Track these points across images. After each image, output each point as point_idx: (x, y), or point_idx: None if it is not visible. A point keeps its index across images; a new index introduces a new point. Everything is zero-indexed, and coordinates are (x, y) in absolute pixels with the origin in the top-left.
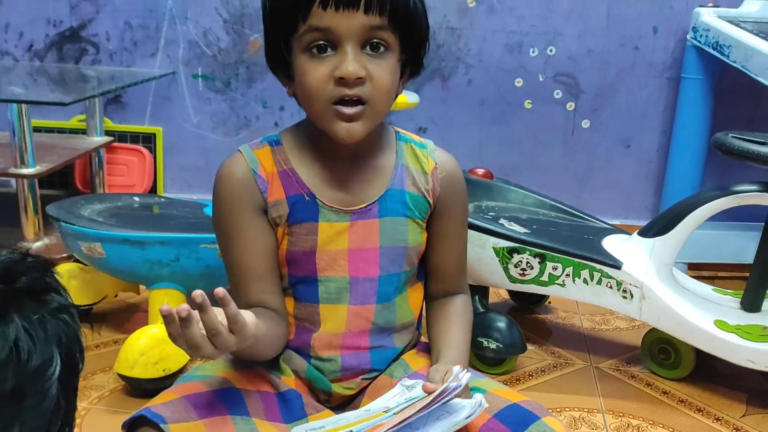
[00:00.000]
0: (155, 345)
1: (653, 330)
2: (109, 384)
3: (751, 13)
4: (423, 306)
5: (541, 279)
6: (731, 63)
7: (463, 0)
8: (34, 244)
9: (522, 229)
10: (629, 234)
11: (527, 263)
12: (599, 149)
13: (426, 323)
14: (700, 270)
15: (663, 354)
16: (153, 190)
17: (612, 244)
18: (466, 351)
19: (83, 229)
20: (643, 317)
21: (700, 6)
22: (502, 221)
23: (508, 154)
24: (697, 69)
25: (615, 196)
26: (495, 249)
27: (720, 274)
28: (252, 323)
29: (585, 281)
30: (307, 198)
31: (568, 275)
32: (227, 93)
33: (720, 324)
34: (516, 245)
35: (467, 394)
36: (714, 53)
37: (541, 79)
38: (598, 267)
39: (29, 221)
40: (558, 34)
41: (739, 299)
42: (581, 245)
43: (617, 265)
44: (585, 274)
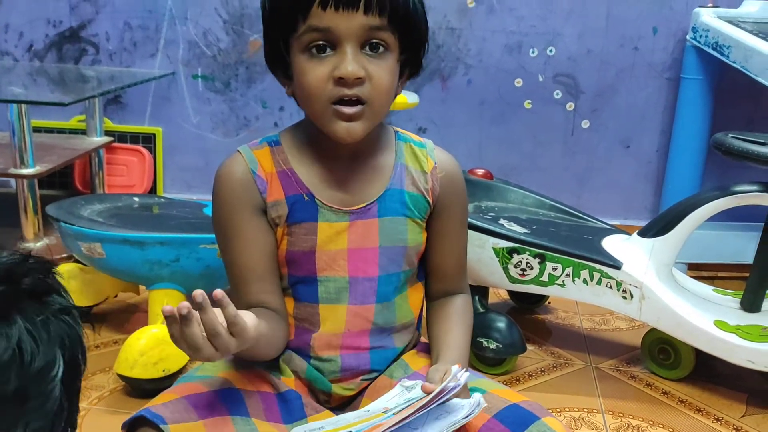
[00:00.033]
0: (155, 345)
1: (653, 330)
2: (109, 384)
3: (751, 14)
4: (423, 306)
5: (541, 279)
6: (731, 63)
7: (463, 0)
8: (34, 244)
9: (522, 230)
10: (629, 234)
11: (527, 263)
12: (599, 149)
13: (426, 323)
14: (699, 270)
15: (663, 354)
16: (153, 190)
17: (612, 244)
18: (465, 351)
19: (83, 230)
20: (643, 317)
21: (699, 6)
22: (501, 221)
23: (507, 154)
24: (697, 69)
25: (615, 196)
26: (495, 249)
27: (720, 274)
28: (253, 325)
29: (585, 281)
30: (306, 198)
31: (567, 275)
32: (227, 93)
33: (720, 324)
34: (516, 245)
35: (466, 393)
36: (714, 53)
37: (541, 80)
38: (597, 267)
39: (29, 221)
40: (558, 34)
41: (739, 299)
42: (581, 245)
43: (617, 266)
44: (585, 274)
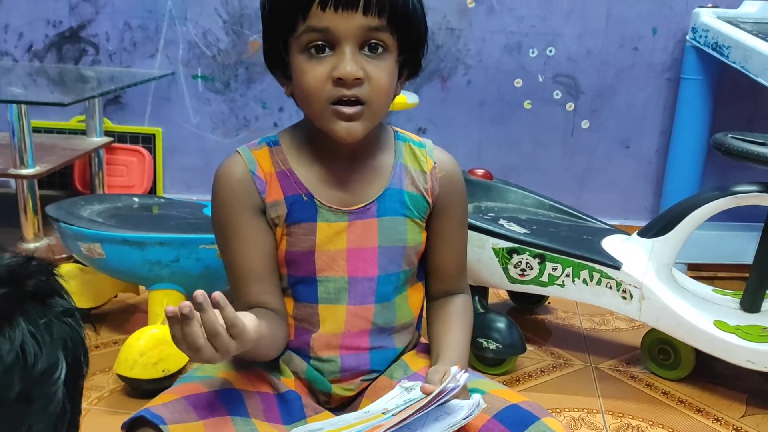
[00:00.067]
0: (155, 346)
1: (653, 330)
2: (109, 385)
3: (751, 14)
4: (423, 306)
5: (541, 279)
6: (730, 63)
7: (463, 1)
8: (34, 244)
9: (521, 230)
10: (629, 234)
11: (527, 264)
12: (599, 150)
13: (426, 323)
14: (699, 270)
15: (662, 354)
16: (152, 190)
17: (611, 244)
18: (465, 351)
19: (83, 230)
20: (643, 318)
21: (699, 7)
22: (501, 222)
23: (507, 154)
24: (697, 69)
25: (614, 196)
26: (494, 249)
27: (719, 274)
28: (253, 327)
29: (584, 282)
30: (305, 198)
31: (567, 276)
32: (227, 94)
33: (719, 324)
34: (515, 246)
35: (465, 394)
36: (713, 54)
37: (541, 80)
38: (597, 267)
39: (29, 222)
40: (557, 34)
41: (739, 300)
42: (581, 246)
43: (617, 266)
44: (584, 274)
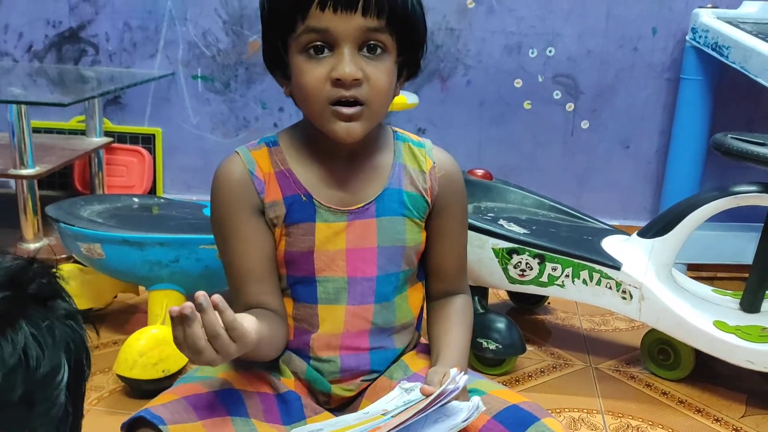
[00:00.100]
0: (155, 346)
1: (652, 331)
2: (109, 385)
3: (750, 14)
4: (423, 306)
5: (541, 280)
6: (730, 64)
7: (463, 1)
8: (34, 245)
9: (521, 230)
10: (628, 235)
11: (527, 264)
12: (598, 150)
13: (426, 323)
14: (699, 271)
15: (662, 355)
16: (152, 191)
17: (611, 244)
18: (465, 351)
19: (82, 230)
20: (643, 318)
21: (699, 7)
22: (501, 222)
23: (507, 154)
24: (696, 70)
25: (614, 196)
26: (494, 250)
27: (719, 274)
28: (254, 329)
29: (584, 282)
30: (304, 198)
31: (567, 276)
32: (226, 94)
33: (719, 325)
34: (515, 246)
35: (465, 396)
36: (713, 54)
37: (541, 80)
38: (597, 268)
39: (28, 222)
40: (557, 35)
41: (739, 300)
42: (581, 246)
43: (617, 266)
44: (584, 274)
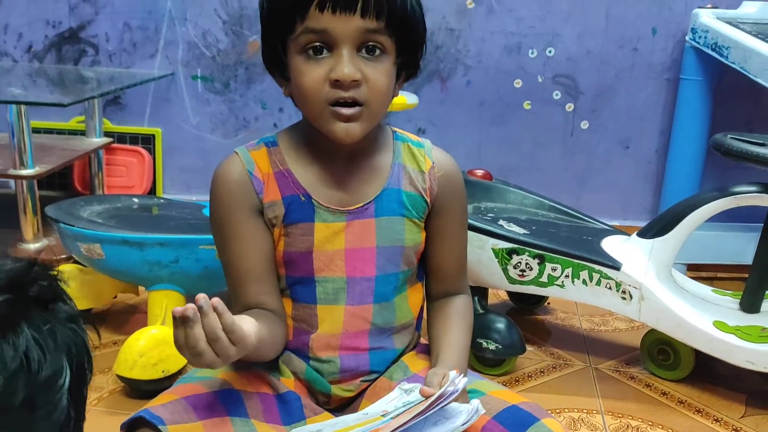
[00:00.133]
0: (154, 346)
1: (652, 331)
2: (108, 385)
3: (750, 14)
4: (423, 307)
5: (541, 280)
6: (730, 64)
7: (462, 1)
8: (34, 245)
9: (521, 230)
10: (628, 235)
11: (526, 264)
12: (598, 150)
13: (426, 324)
14: (699, 271)
15: (662, 355)
16: (152, 191)
17: (611, 245)
18: (465, 352)
19: (82, 231)
20: (642, 318)
21: (698, 7)
22: (501, 222)
23: (507, 155)
24: (696, 70)
25: (614, 197)
26: (494, 250)
27: (719, 275)
28: (253, 331)
29: (584, 282)
30: (303, 198)
31: (567, 276)
32: (226, 94)
33: (719, 325)
34: (515, 246)
35: (465, 398)
36: (713, 54)
37: (540, 80)
38: (597, 268)
39: (28, 222)
40: (557, 35)
41: (738, 300)
42: (580, 246)
43: (616, 266)
44: (584, 275)
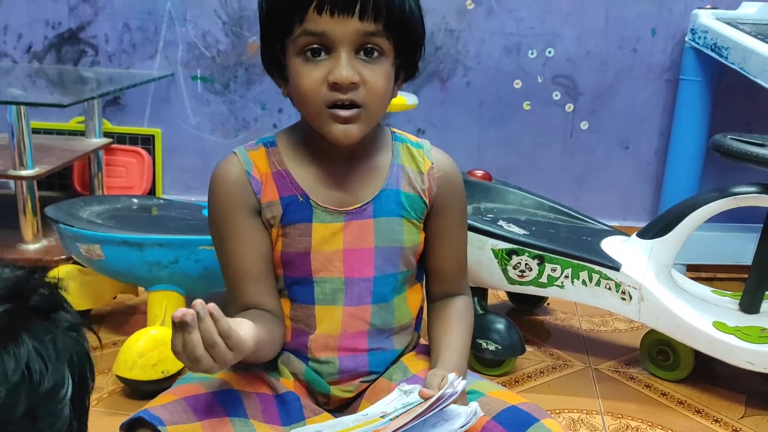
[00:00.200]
0: (154, 347)
1: (652, 331)
2: (108, 386)
3: (750, 15)
4: (422, 307)
5: (540, 280)
6: (729, 65)
7: (462, 2)
8: (33, 245)
9: (521, 231)
10: (628, 235)
11: (526, 265)
12: (598, 151)
13: (426, 325)
14: (698, 271)
15: (662, 355)
16: (152, 191)
17: (611, 245)
18: (465, 353)
19: (82, 231)
20: (642, 319)
21: (698, 8)
22: (500, 223)
23: (506, 155)
24: (696, 71)
25: (614, 197)
26: (494, 251)
27: (719, 275)
28: (250, 335)
29: (584, 283)
30: (301, 199)
31: (566, 277)
32: (226, 95)
33: (719, 325)
34: (515, 247)
35: (464, 400)
36: (712, 55)
37: (540, 81)
38: (596, 268)
39: (28, 223)
40: (557, 35)
41: (738, 301)
42: (580, 247)
43: (616, 267)
44: (584, 275)
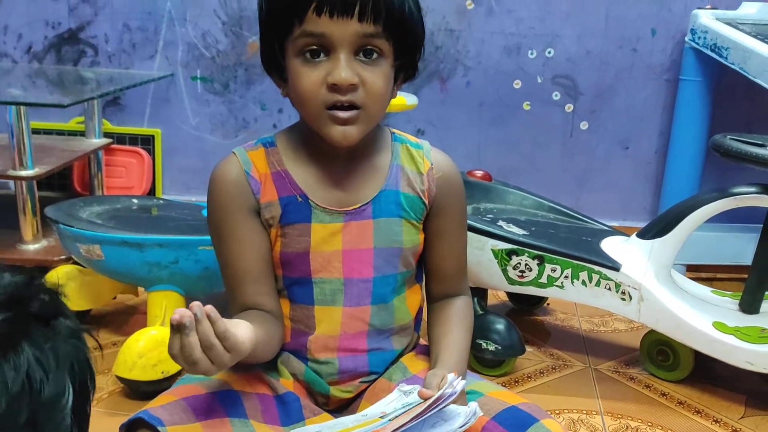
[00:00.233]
0: (154, 347)
1: (652, 332)
2: (108, 386)
3: (749, 15)
4: (422, 308)
5: (540, 281)
6: (729, 65)
7: (462, 2)
8: (33, 246)
9: (521, 231)
10: (628, 236)
11: (526, 265)
12: (598, 151)
13: (426, 325)
14: (698, 272)
15: (661, 356)
16: (152, 192)
17: (611, 245)
18: (465, 353)
19: (82, 231)
20: (642, 319)
21: (698, 8)
22: (500, 223)
23: (506, 155)
24: (696, 71)
25: (613, 197)
26: (494, 251)
27: (718, 275)
28: (248, 336)
29: (584, 283)
30: (300, 199)
31: (566, 277)
32: (226, 95)
33: (718, 326)
34: (515, 247)
35: (463, 400)
36: (712, 55)
37: (540, 81)
38: (596, 269)
39: (28, 223)
40: (556, 35)
41: (738, 301)
42: (580, 247)
43: (616, 267)
44: (584, 275)
